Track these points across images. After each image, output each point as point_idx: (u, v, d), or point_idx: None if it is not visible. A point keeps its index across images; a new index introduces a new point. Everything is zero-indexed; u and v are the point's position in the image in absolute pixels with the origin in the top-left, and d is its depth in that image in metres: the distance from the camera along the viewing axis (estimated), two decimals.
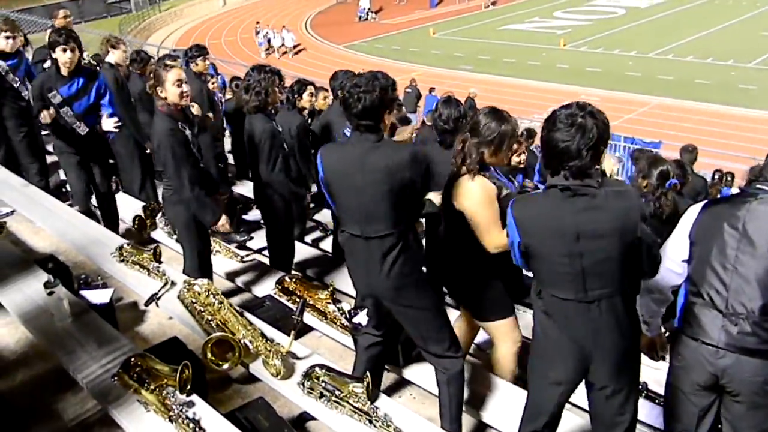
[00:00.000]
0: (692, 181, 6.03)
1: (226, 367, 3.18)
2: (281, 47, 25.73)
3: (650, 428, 3.26)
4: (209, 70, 6.44)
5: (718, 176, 9.95)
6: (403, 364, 3.51)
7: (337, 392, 2.93)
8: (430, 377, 3.41)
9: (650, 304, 2.82)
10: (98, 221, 5.20)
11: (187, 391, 2.83)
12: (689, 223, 2.59)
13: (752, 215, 2.44)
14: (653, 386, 3.38)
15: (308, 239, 5.77)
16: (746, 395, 2.50)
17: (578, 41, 25.22)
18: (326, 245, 5.63)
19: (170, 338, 3.48)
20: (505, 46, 25.38)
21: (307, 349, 3.37)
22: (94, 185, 5.26)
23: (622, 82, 19.61)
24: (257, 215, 5.85)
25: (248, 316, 3.58)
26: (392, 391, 3.50)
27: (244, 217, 5.98)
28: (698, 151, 7.72)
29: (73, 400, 3.23)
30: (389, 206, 2.72)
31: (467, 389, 3.17)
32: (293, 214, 4.87)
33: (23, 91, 5.51)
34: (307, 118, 5.63)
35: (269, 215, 4.72)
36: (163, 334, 3.85)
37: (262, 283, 4.49)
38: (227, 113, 6.30)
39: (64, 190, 6.03)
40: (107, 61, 5.68)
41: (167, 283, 4.00)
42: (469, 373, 3.24)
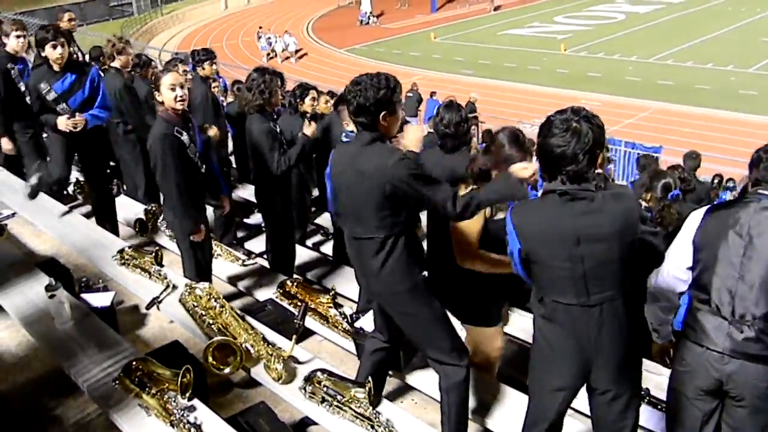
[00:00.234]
0: (697, 188, 6.04)
1: (227, 371, 3.18)
2: (284, 52, 25.72)
3: None
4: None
5: (717, 181, 9.98)
6: (404, 369, 3.50)
7: (338, 397, 2.93)
8: (431, 382, 3.40)
9: (658, 312, 2.81)
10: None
11: (188, 395, 2.82)
12: (692, 229, 2.58)
13: (757, 221, 2.44)
14: (655, 392, 3.37)
15: (309, 243, 5.76)
16: (750, 400, 2.51)
17: (578, 46, 25.24)
18: (327, 249, 5.62)
19: (171, 342, 3.48)
20: (505, 50, 25.40)
21: (308, 353, 3.37)
22: (87, 178, 5.28)
23: (622, 87, 19.61)
24: (259, 219, 5.85)
25: (250, 320, 3.58)
26: (394, 396, 3.48)
27: (245, 220, 5.98)
28: (701, 157, 7.72)
29: (73, 404, 3.23)
30: (374, 209, 2.70)
31: (473, 396, 3.14)
32: (294, 217, 4.87)
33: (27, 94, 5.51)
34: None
35: (270, 218, 4.72)
36: (164, 337, 3.84)
37: (263, 286, 4.48)
38: (229, 116, 6.29)
39: (64, 192, 6.02)
40: (113, 66, 5.68)
41: (169, 286, 4.00)
42: (475, 379, 3.21)
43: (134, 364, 2.96)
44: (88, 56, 7.38)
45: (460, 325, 3.55)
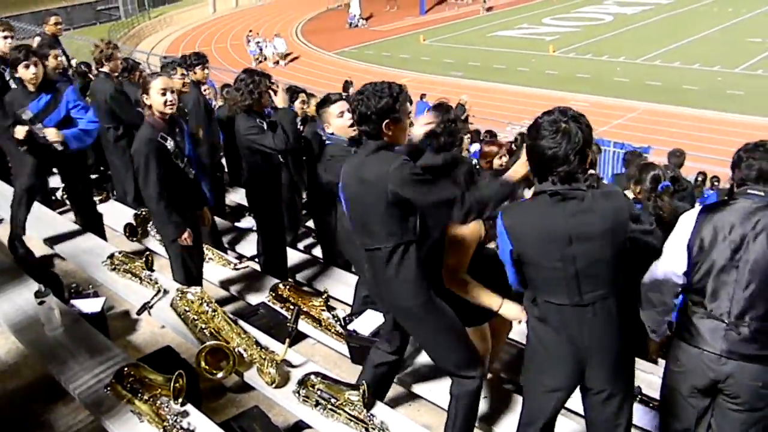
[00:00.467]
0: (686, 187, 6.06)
1: (220, 375, 3.16)
2: (273, 55, 25.61)
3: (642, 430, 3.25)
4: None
5: (701, 179, 10.05)
6: (399, 371, 3.49)
7: (332, 400, 2.92)
8: (426, 384, 3.41)
9: (655, 317, 2.82)
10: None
11: (181, 400, 2.80)
12: (686, 232, 2.59)
13: (750, 223, 2.45)
14: (647, 391, 3.38)
15: (301, 245, 5.74)
16: (745, 399, 2.54)
17: (567, 48, 25.35)
18: (319, 251, 5.60)
19: (163, 347, 3.46)
20: (494, 52, 25.47)
21: (301, 356, 3.35)
22: (69, 187, 5.22)
23: (610, 87, 19.71)
24: (250, 222, 5.83)
25: (242, 324, 3.56)
26: (388, 398, 3.47)
27: (237, 224, 5.96)
28: (686, 155, 7.75)
29: (64, 410, 3.20)
30: (380, 218, 2.66)
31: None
32: (285, 220, 4.85)
33: None
34: (299, 125, 5.62)
35: (262, 221, 4.71)
36: (155, 343, 3.82)
37: (255, 290, 4.45)
38: (219, 120, 6.27)
39: (53, 197, 5.98)
40: (102, 71, 5.64)
41: (160, 291, 3.97)
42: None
43: (126, 369, 2.94)
44: (75, 70, 7.31)
45: None
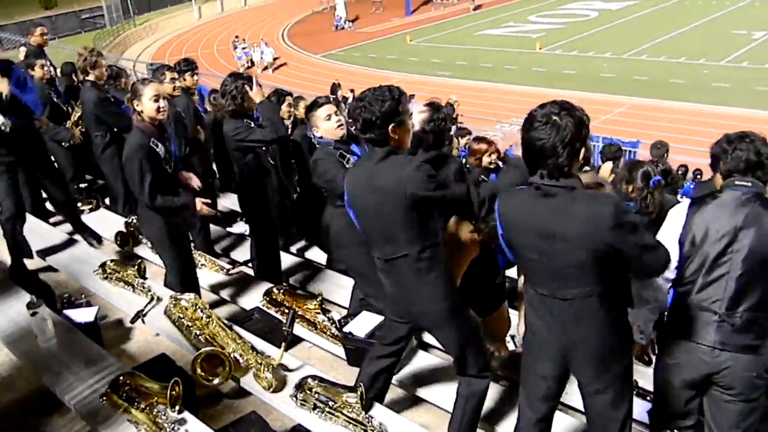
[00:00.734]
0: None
1: (216, 382, 3.15)
2: (261, 61, 25.47)
3: (639, 423, 3.25)
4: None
5: (682, 171, 10.09)
6: (396, 371, 3.48)
7: (330, 403, 2.91)
8: (423, 384, 3.40)
9: (647, 315, 2.82)
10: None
11: (178, 408, 2.79)
12: (677, 226, 2.59)
13: (741, 215, 2.46)
14: (643, 383, 3.38)
15: (293, 249, 5.72)
16: (739, 390, 2.56)
17: (553, 44, 25.45)
18: (311, 254, 5.59)
19: (158, 355, 3.44)
20: (481, 51, 25.53)
21: (297, 360, 3.34)
22: (48, 196, 5.13)
23: (597, 83, 19.80)
24: (242, 228, 5.81)
25: (237, 329, 3.55)
26: (386, 399, 3.46)
27: (229, 229, 5.93)
28: (669, 146, 7.75)
29: (60, 422, 3.17)
30: (401, 224, 2.63)
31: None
32: (278, 223, 4.84)
33: None
34: (287, 128, 5.61)
35: (255, 225, 4.70)
36: (150, 351, 3.80)
37: (249, 295, 4.43)
38: (208, 125, 6.24)
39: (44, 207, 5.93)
40: (88, 80, 5.61)
41: (153, 298, 3.95)
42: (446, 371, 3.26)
43: (121, 378, 2.92)
44: (61, 71, 7.26)
45: None
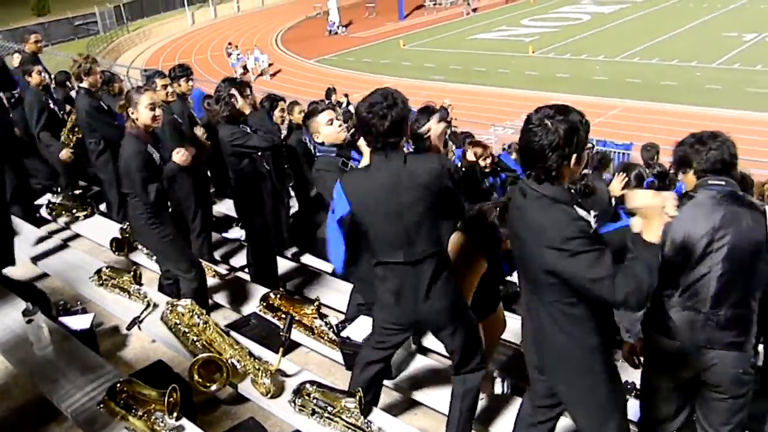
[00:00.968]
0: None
1: (214, 388, 3.14)
2: (255, 67, 25.35)
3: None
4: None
5: (673, 171, 10.06)
6: (394, 376, 3.48)
7: (329, 408, 2.90)
8: (421, 388, 3.40)
9: (631, 316, 2.83)
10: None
11: (176, 415, 2.77)
12: None
13: (719, 213, 2.48)
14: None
15: (288, 254, 5.71)
16: (727, 387, 2.58)
17: (546, 48, 25.55)
18: (307, 259, 5.58)
19: (155, 362, 3.42)
20: (475, 55, 25.59)
21: (295, 365, 3.33)
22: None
23: (590, 86, 19.87)
24: (238, 233, 5.80)
25: (234, 335, 3.54)
26: (384, 403, 3.46)
27: (224, 235, 5.92)
28: (659, 148, 7.74)
29: (57, 430, 3.15)
30: (431, 224, 2.68)
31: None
32: (273, 228, 4.83)
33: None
34: (281, 133, 5.60)
35: (251, 230, 4.69)
36: (146, 357, 3.77)
37: (246, 300, 4.42)
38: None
39: (37, 215, 5.91)
40: (82, 86, 5.60)
41: (149, 305, 3.94)
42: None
43: (119, 386, 2.90)
44: (55, 80, 7.25)
45: None
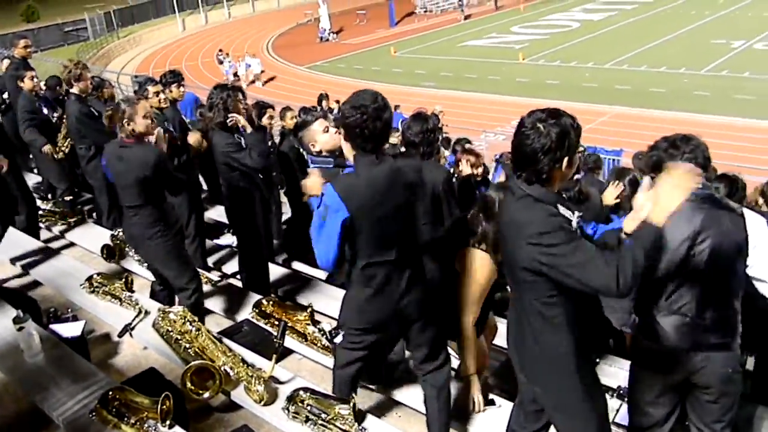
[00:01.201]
0: None
1: (207, 395, 3.13)
2: (246, 74, 25.27)
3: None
4: None
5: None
6: (388, 384, 3.48)
7: (323, 415, 2.90)
8: (415, 396, 3.39)
9: (620, 316, 2.87)
10: None
11: (168, 422, 2.76)
12: None
13: (698, 218, 2.49)
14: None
15: (279, 260, 5.71)
16: (717, 387, 2.60)
17: (536, 55, 25.67)
18: (298, 266, 5.58)
19: (147, 369, 3.40)
20: (465, 62, 25.67)
21: (288, 372, 3.33)
22: None
23: (580, 93, 19.96)
24: (230, 240, 5.79)
25: (227, 342, 3.53)
26: (378, 410, 3.46)
27: (216, 241, 5.91)
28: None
29: None
30: (416, 222, 2.85)
31: (454, 404, 3.16)
32: (264, 234, 4.83)
33: None
34: (270, 139, 5.61)
35: (243, 237, 4.68)
36: (138, 365, 3.76)
37: (238, 307, 4.41)
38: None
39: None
40: (72, 92, 5.58)
41: (141, 312, 3.93)
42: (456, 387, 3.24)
43: (111, 393, 2.88)
44: (46, 85, 7.23)
45: None
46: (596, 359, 3.66)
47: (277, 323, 3.91)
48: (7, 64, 7.35)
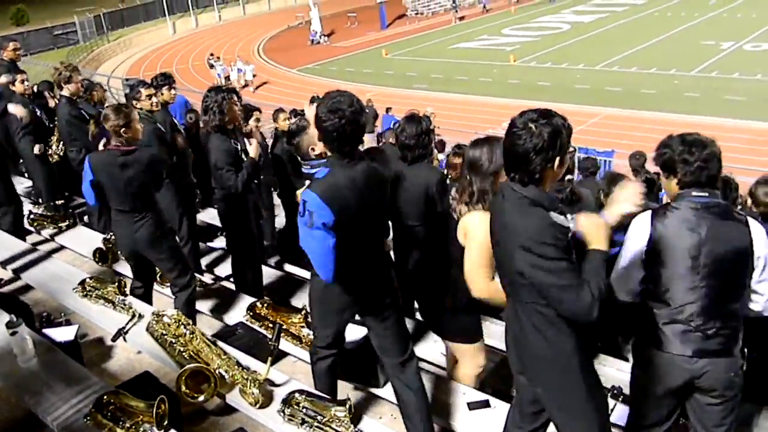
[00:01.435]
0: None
1: (201, 399, 3.11)
2: (238, 78, 25.19)
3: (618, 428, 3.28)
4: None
5: (655, 178, 10.19)
6: (383, 384, 3.48)
7: (319, 417, 2.89)
8: None
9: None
10: None
11: (164, 426, 2.75)
12: (641, 242, 2.62)
13: (704, 225, 2.50)
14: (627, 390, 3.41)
15: (271, 262, 5.70)
16: (719, 390, 2.61)
17: (527, 57, 25.79)
18: (291, 268, 5.57)
19: (142, 373, 3.39)
20: (457, 64, 25.78)
21: (283, 375, 3.32)
22: None
23: (571, 94, 20.07)
24: (223, 243, 5.77)
25: (221, 344, 3.51)
26: (373, 412, 3.46)
27: (209, 244, 5.89)
28: (647, 156, 7.84)
29: None
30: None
31: (436, 400, 3.21)
32: (257, 237, 4.82)
33: None
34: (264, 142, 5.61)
35: (235, 240, 4.67)
36: (132, 369, 3.74)
37: (232, 310, 4.41)
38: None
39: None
40: (63, 95, 5.55)
41: (134, 315, 3.90)
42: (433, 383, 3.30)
43: (105, 397, 2.87)
44: (37, 89, 7.18)
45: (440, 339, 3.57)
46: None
47: (271, 326, 3.91)
48: None
